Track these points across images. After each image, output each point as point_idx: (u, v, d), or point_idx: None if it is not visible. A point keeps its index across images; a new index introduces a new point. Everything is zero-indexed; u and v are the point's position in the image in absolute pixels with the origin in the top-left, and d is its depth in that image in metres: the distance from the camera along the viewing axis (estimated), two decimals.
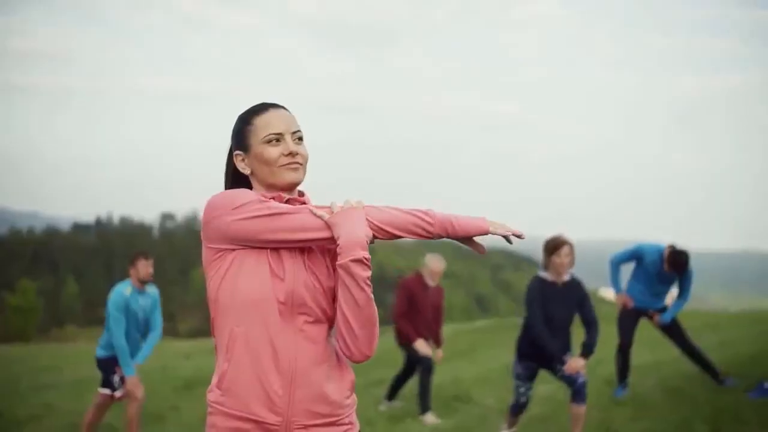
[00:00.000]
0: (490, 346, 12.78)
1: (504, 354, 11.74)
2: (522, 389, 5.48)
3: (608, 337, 6.74)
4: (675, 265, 6.51)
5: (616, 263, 6.89)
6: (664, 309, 6.81)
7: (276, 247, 1.99)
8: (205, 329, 31.26)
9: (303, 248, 2.03)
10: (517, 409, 5.63)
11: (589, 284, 5.79)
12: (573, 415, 5.31)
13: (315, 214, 1.99)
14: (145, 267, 6.07)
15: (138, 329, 6.11)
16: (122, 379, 6.01)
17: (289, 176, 2.06)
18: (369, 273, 1.97)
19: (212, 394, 2.04)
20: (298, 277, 2.00)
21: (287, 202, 2.07)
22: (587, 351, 5.26)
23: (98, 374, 6.21)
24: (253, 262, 1.99)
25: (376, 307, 2.01)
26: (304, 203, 2.10)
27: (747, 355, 7.47)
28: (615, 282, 6.92)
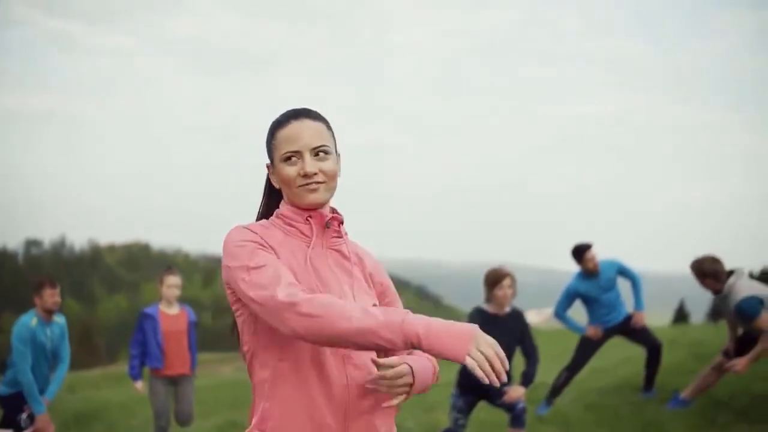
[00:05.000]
0: None
1: None
2: (461, 421, 5.36)
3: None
4: (577, 255, 6.82)
5: (562, 313, 7.04)
6: (629, 317, 6.95)
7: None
8: (81, 361, 29.59)
9: (348, 273, 1.92)
10: None
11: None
12: None
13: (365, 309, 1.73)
14: (51, 296, 5.62)
15: (47, 362, 5.67)
16: (31, 417, 5.54)
17: (307, 198, 1.90)
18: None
19: None
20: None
21: (330, 220, 1.93)
22: (527, 380, 5.18)
23: None
24: None
25: None
26: (341, 222, 1.98)
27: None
28: (573, 327, 7.11)
